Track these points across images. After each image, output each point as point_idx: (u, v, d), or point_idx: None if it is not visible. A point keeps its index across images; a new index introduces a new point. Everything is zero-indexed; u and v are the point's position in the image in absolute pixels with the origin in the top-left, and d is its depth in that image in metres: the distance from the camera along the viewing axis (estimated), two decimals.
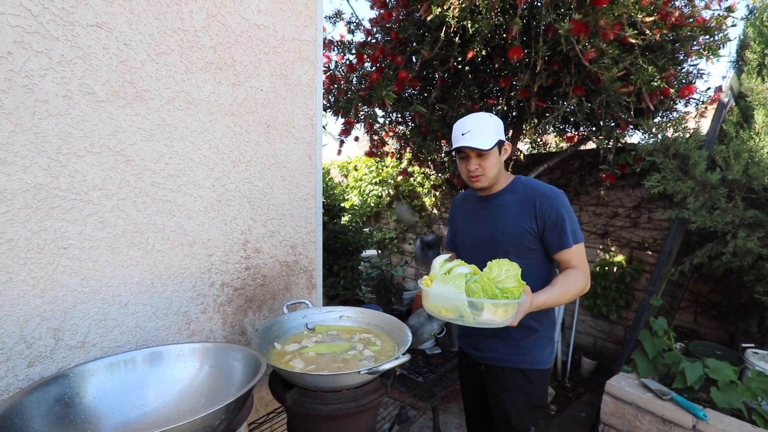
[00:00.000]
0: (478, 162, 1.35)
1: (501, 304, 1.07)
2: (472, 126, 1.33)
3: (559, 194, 1.34)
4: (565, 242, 1.30)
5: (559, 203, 1.31)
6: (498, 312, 1.08)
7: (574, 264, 1.30)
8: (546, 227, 1.31)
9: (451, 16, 2.24)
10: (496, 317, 1.08)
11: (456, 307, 1.09)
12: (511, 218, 1.35)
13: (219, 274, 1.30)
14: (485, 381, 1.48)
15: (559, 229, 1.30)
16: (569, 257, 1.31)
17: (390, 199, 5.53)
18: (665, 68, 2.28)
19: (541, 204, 1.31)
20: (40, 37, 0.88)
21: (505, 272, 1.10)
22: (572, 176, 3.63)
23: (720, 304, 2.79)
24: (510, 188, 1.41)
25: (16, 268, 0.88)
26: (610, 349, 3.45)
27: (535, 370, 1.39)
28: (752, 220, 2.02)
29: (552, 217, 1.30)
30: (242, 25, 1.29)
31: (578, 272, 1.29)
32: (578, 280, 1.27)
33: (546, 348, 1.42)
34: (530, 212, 1.33)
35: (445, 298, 1.11)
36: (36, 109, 0.89)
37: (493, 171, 1.36)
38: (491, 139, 1.31)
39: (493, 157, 1.35)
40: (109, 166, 1.01)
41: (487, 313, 1.08)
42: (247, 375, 0.96)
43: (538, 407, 1.42)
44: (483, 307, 1.07)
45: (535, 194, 1.34)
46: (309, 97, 1.54)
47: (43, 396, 0.83)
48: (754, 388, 1.79)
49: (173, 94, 1.13)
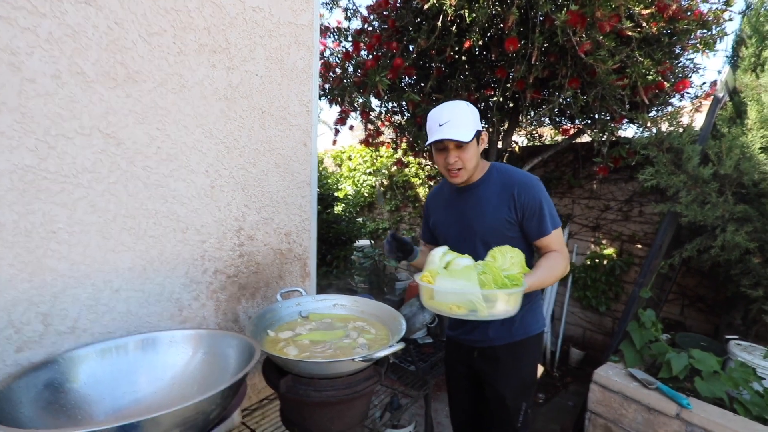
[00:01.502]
0: (457, 154, 1.30)
1: (513, 294, 1.06)
2: (449, 116, 1.27)
3: (536, 181, 1.34)
4: (544, 229, 1.31)
5: (537, 190, 1.32)
6: (510, 301, 1.07)
7: (554, 248, 1.33)
8: (525, 216, 1.32)
9: (448, 4, 2.21)
10: (509, 307, 1.07)
11: (469, 302, 1.04)
12: (491, 209, 1.35)
13: (212, 260, 1.28)
14: (478, 366, 1.49)
15: (538, 217, 1.31)
16: (549, 242, 1.33)
17: (384, 189, 5.51)
18: (661, 62, 2.28)
19: (519, 193, 1.31)
20: (26, 13, 0.85)
21: (510, 260, 1.09)
22: (566, 169, 3.65)
23: (706, 297, 2.85)
24: (487, 177, 1.39)
25: (3, 251, 0.86)
26: (598, 340, 3.51)
27: (526, 340, 1.42)
28: (741, 214, 2.05)
29: (531, 206, 1.30)
30: (237, 6, 1.26)
31: (559, 255, 1.31)
32: (560, 263, 1.30)
33: (535, 313, 1.45)
34: (509, 202, 1.32)
35: (456, 294, 1.05)
36: (23, 88, 0.86)
37: (472, 163, 1.32)
38: (470, 130, 1.26)
39: (472, 149, 1.31)
40: (99, 148, 0.99)
41: (501, 305, 1.05)
42: (240, 362, 0.95)
43: (530, 385, 1.46)
44: (497, 299, 1.05)
45: (513, 183, 1.33)
46: (305, 83, 1.51)
47: (32, 381, 0.82)
48: (736, 378, 1.84)
49: (166, 76, 1.10)
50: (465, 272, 1.05)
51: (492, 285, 1.03)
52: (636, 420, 1.94)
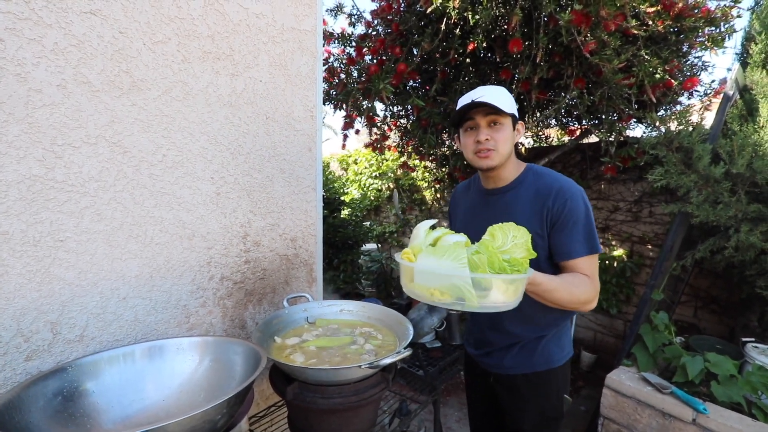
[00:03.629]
0: (489, 133, 1.13)
1: (513, 281, 0.84)
2: (483, 92, 1.12)
3: (577, 191, 1.13)
4: (573, 251, 1.09)
5: (576, 200, 1.11)
6: (509, 291, 0.85)
7: (585, 272, 1.11)
8: (555, 228, 1.12)
9: (451, 7, 2.21)
10: (506, 297, 0.85)
11: (455, 288, 0.83)
12: (522, 218, 1.13)
13: (218, 267, 1.28)
14: (496, 392, 1.35)
15: (569, 232, 1.10)
16: (576, 266, 1.10)
17: (390, 193, 5.50)
18: (668, 60, 2.25)
19: (554, 199, 1.12)
20: (32, 24, 0.86)
21: (512, 239, 0.88)
22: (573, 170, 3.62)
23: (720, 299, 2.79)
24: (520, 180, 1.21)
25: (12, 260, 0.86)
26: (609, 343, 3.45)
27: (548, 371, 1.25)
28: (755, 214, 2.00)
29: (564, 217, 1.10)
30: (240, 13, 1.26)
31: (588, 280, 1.09)
32: (586, 287, 1.08)
33: (560, 340, 1.28)
34: (542, 212, 1.13)
35: (439, 276, 0.84)
36: (29, 99, 0.87)
37: (506, 147, 1.14)
38: (507, 107, 1.11)
39: (508, 130, 1.14)
40: (105, 157, 0.99)
41: (496, 294, 0.84)
42: (247, 369, 0.95)
43: (553, 419, 1.28)
44: (491, 286, 0.83)
45: (551, 187, 1.13)
46: (309, 88, 1.52)
47: (42, 390, 0.82)
48: (755, 382, 1.80)
49: (170, 84, 1.11)
50: (452, 250, 0.84)
51: (486, 268, 0.82)
52: (650, 426, 1.89)
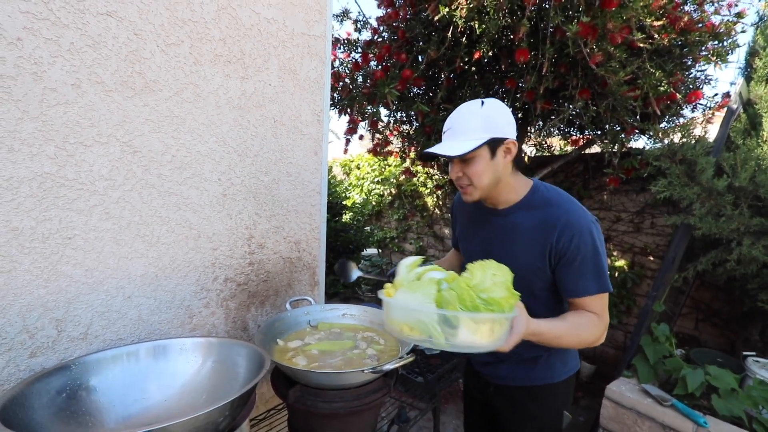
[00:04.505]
0: (460, 167, 1.05)
1: (484, 320, 0.79)
2: (453, 122, 1.05)
3: (587, 223, 1.02)
4: (581, 289, 1.02)
5: (585, 236, 1.01)
6: (481, 331, 0.79)
7: (593, 310, 1.03)
8: (560, 264, 1.04)
9: (458, 16, 2.23)
10: (477, 338, 0.79)
11: (422, 324, 0.79)
12: (523, 251, 1.08)
13: (223, 268, 1.29)
14: (495, 403, 1.31)
15: (577, 271, 1.02)
16: (584, 305, 1.04)
17: (392, 198, 5.52)
18: (673, 73, 2.27)
19: (560, 235, 1.02)
20: (50, 24, 0.87)
21: (491, 278, 0.83)
22: (576, 180, 3.62)
23: (722, 312, 2.78)
24: (525, 203, 1.11)
25: (21, 257, 0.87)
26: (609, 354, 3.44)
27: (549, 386, 1.21)
28: (758, 227, 2.01)
29: (571, 254, 1.02)
30: (252, 18, 1.28)
31: (596, 318, 1.02)
32: (594, 327, 1.01)
33: (564, 355, 1.22)
34: (544, 244, 1.04)
35: (408, 311, 0.82)
36: (44, 97, 0.88)
37: (483, 180, 1.04)
38: (471, 140, 0.99)
39: (481, 162, 1.02)
40: (116, 156, 1.00)
41: (464, 332, 0.78)
42: (250, 371, 0.95)
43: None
44: (459, 324, 0.78)
45: (558, 220, 1.03)
46: (316, 93, 1.53)
47: (45, 387, 0.82)
48: (756, 396, 1.79)
49: (182, 85, 1.12)
50: (426, 285, 0.83)
51: (456, 305, 0.78)
52: None
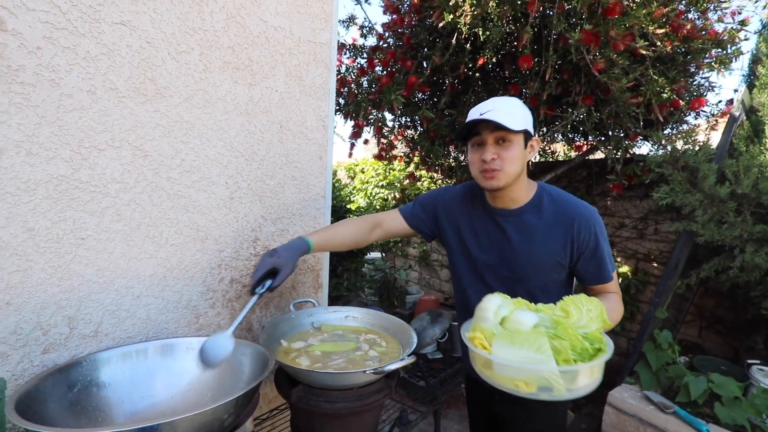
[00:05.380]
0: (496, 151, 1.05)
1: (599, 366, 0.81)
2: (494, 105, 1.05)
3: (595, 213, 1.11)
4: (605, 275, 1.10)
5: (598, 226, 1.09)
6: (595, 372, 0.82)
7: (614, 290, 1.13)
8: (583, 257, 1.10)
9: (462, 23, 2.26)
10: (592, 379, 0.82)
11: (542, 379, 0.79)
12: (542, 248, 1.11)
13: (229, 269, 1.32)
14: (499, 411, 1.31)
15: (599, 260, 1.10)
16: (607, 288, 1.12)
17: (396, 202, 5.54)
18: (676, 80, 2.28)
19: (579, 230, 1.07)
20: (67, 33, 0.91)
21: (587, 313, 0.86)
22: (579, 185, 3.63)
23: (725, 319, 2.77)
24: (534, 204, 1.14)
25: (36, 256, 0.90)
26: (612, 360, 3.40)
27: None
28: (761, 235, 2.01)
29: (591, 246, 1.09)
30: (260, 26, 1.32)
31: (617, 297, 1.11)
32: (619, 305, 1.10)
33: None
34: (566, 240, 1.09)
35: (524, 371, 0.80)
36: (61, 103, 0.91)
37: (514, 167, 1.06)
38: (519, 123, 1.03)
39: (517, 149, 1.06)
40: (127, 160, 1.04)
41: (583, 379, 0.81)
42: (254, 370, 0.97)
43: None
44: (579, 374, 0.80)
45: (573, 216, 1.09)
46: (322, 99, 1.56)
47: (57, 382, 0.85)
48: (759, 405, 1.78)
49: (192, 92, 1.16)
50: (532, 338, 0.81)
51: (568, 354, 0.79)
52: None
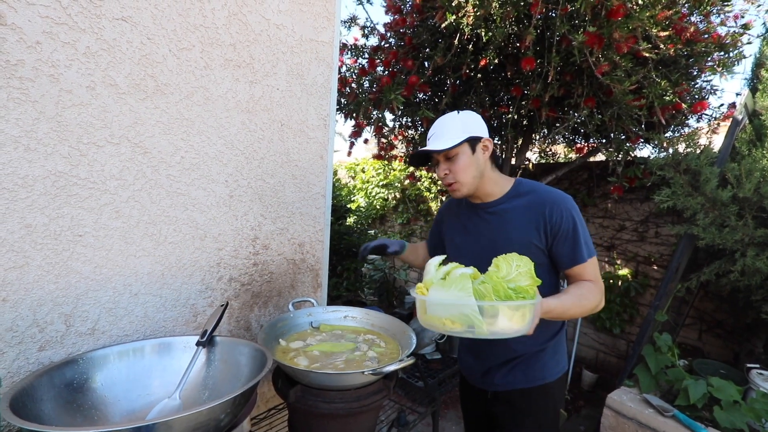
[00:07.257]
0: (446, 166, 1.20)
1: (519, 307, 0.89)
2: (434, 129, 1.21)
3: (569, 200, 1.19)
4: (578, 256, 1.15)
5: (571, 210, 1.17)
6: (516, 317, 0.90)
7: (588, 278, 1.17)
8: (557, 239, 1.16)
9: (465, 23, 2.25)
10: (513, 323, 0.90)
11: (464, 316, 0.89)
12: (517, 233, 1.19)
13: (227, 268, 1.31)
14: (493, 409, 1.35)
15: (572, 241, 1.15)
16: (582, 271, 1.16)
17: (396, 202, 5.53)
18: (678, 83, 2.27)
19: (551, 212, 1.16)
20: (67, 29, 0.90)
21: (516, 269, 0.93)
22: (580, 187, 3.62)
23: (725, 323, 2.76)
24: (511, 195, 1.25)
25: (33, 253, 0.89)
26: (611, 363, 3.42)
27: (545, 386, 1.27)
28: (762, 239, 2.00)
29: (564, 228, 1.15)
30: (262, 24, 1.31)
31: (593, 285, 1.15)
32: (593, 294, 1.13)
33: (556, 354, 1.30)
34: (538, 223, 1.17)
35: (449, 306, 0.91)
36: (60, 99, 0.91)
37: (467, 175, 1.19)
38: (453, 138, 1.15)
39: (464, 158, 1.17)
40: (127, 157, 1.03)
41: (503, 320, 0.89)
42: (252, 370, 0.97)
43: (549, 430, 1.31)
44: (498, 313, 0.89)
45: (544, 201, 1.18)
46: (323, 97, 1.56)
47: (53, 380, 0.84)
48: (759, 409, 1.77)
49: (192, 89, 1.15)
50: (459, 281, 0.92)
51: (492, 296, 0.89)
52: None
